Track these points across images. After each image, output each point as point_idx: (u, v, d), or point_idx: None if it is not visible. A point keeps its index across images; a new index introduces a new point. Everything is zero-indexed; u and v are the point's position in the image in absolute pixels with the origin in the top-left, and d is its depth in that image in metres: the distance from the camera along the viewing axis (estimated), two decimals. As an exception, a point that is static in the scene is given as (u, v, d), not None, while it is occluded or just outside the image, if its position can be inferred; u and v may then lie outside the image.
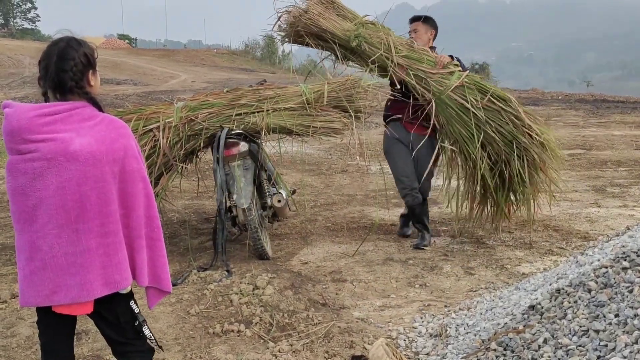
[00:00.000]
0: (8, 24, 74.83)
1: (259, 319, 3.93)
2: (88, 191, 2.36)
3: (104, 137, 2.40)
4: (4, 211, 6.96)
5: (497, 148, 5.34)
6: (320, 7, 5.60)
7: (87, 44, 2.52)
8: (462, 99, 5.32)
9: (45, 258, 2.35)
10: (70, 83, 2.42)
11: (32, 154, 2.33)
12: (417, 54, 5.50)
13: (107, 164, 2.39)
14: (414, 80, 5.36)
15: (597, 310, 2.71)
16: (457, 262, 5.16)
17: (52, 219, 2.35)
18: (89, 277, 2.38)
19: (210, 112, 5.12)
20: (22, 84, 26.05)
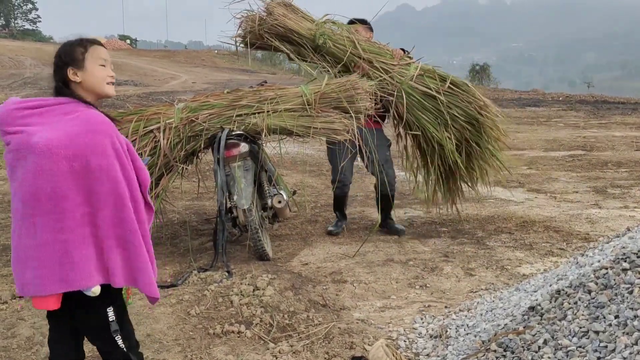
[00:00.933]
0: (9, 24, 74.92)
1: (259, 319, 3.93)
2: (43, 184, 2.35)
3: (71, 131, 2.38)
4: (5, 212, 6.96)
5: (460, 127, 5.65)
6: (282, 9, 5.68)
7: (64, 44, 2.60)
8: (425, 87, 5.60)
9: (15, 249, 2.42)
10: (56, 83, 2.54)
11: (8, 146, 2.42)
12: (377, 48, 5.70)
13: (66, 158, 2.35)
14: (377, 72, 5.56)
15: (597, 312, 2.71)
16: (458, 263, 5.16)
17: (18, 210, 2.40)
18: (43, 272, 2.37)
19: (211, 113, 5.12)
20: (23, 84, 26.09)
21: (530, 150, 11.54)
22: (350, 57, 5.59)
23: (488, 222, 6.45)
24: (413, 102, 5.60)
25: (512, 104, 21.69)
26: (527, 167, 9.75)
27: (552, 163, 10.12)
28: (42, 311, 4.04)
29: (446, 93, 5.63)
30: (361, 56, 5.56)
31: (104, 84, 2.57)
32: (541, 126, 15.49)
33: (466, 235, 5.99)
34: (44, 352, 3.59)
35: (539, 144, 12.33)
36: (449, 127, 5.62)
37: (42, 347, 3.64)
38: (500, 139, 5.90)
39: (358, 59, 5.57)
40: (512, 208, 7.05)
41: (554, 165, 9.93)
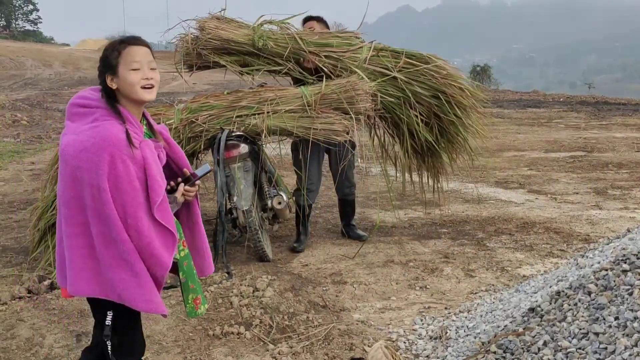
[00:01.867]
0: (10, 25, 74.95)
1: (259, 321, 3.93)
2: (64, 187, 2.45)
3: (81, 141, 2.39)
4: (5, 213, 6.97)
5: (426, 103, 5.49)
6: (214, 22, 5.49)
7: (106, 47, 2.55)
8: (381, 67, 5.43)
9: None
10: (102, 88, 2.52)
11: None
12: (324, 40, 5.51)
13: (71, 167, 2.40)
14: (328, 62, 5.40)
15: (597, 313, 2.70)
16: (458, 264, 5.16)
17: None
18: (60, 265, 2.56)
19: (211, 114, 5.12)
20: (23, 85, 26.10)
21: (531, 151, 11.52)
22: (297, 53, 5.40)
23: (488, 223, 6.45)
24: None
25: (513, 105, 21.66)
26: (527, 168, 9.74)
27: (552, 164, 10.10)
28: (42, 313, 4.06)
29: (404, 69, 5.44)
30: (305, 50, 5.36)
31: (138, 88, 2.48)
32: (542, 127, 15.47)
33: (466, 236, 5.98)
34: (43, 353, 3.59)
35: (540, 145, 12.31)
36: (413, 105, 5.45)
37: (42, 348, 3.63)
38: (475, 108, 5.71)
39: (305, 52, 5.38)
40: (512, 209, 7.04)
41: (554, 166, 9.92)
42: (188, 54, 5.49)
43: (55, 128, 15.16)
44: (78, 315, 4.04)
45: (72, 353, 3.59)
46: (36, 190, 8.14)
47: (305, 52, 5.37)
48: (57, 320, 3.98)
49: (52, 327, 3.89)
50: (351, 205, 5.93)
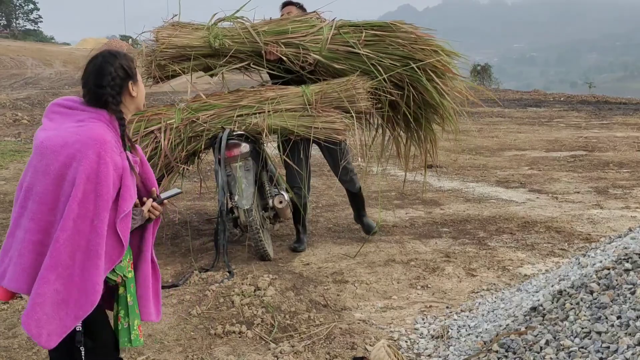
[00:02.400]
0: (10, 25, 74.94)
1: (260, 320, 3.93)
2: (35, 182, 2.38)
3: (63, 137, 2.36)
4: (6, 212, 6.96)
5: (398, 75, 5.28)
6: (168, 30, 5.36)
7: (123, 55, 2.51)
8: (345, 46, 5.24)
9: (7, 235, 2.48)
10: (107, 98, 2.43)
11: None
12: (281, 27, 5.33)
13: (50, 161, 2.34)
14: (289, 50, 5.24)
15: (599, 312, 2.70)
16: (459, 263, 5.16)
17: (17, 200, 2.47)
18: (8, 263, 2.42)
19: (212, 113, 5.11)
20: (24, 84, 26.10)
21: (532, 151, 11.52)
22: (256, 47, 5.27)
23: (489, 222, 6.45)
24: (341, 67, 5.27)
25: (514, 105, 21.65)
26: (528, 168, 9.74)
27: (553, 163, 10.10)
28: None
29: (370, 43, 5.24)
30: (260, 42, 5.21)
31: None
32: (542, 126, 15.47)
33: (467, 235, 5.98)
34: (45, 353, 3.58)
35: (540, 144, 12.31)
36: (385, 79, 5.23)
37: (43, 348, 3.63)
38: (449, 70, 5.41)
39: (265, 45, 5.23)
40: (513, 208, 7.04)
41: (555, 165, 9.92)
42: (148, 67, 5.34)
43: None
44: (79, 314, 4.03)
45: (73, 352, 3.58)
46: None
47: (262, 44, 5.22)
48: (59, 319, 3.98)
49: (54, 326, 3.88)
50: (355, 196, 5.79)
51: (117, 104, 2.46)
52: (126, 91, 2.49)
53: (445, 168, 9.81)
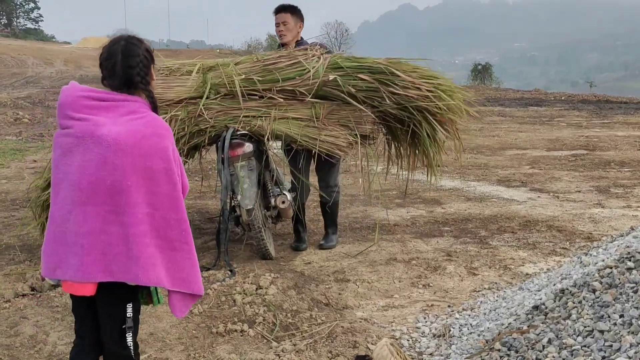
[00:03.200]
0: (11, 23, 74.98)
1: (262, 318, 3.93)
2: (104, 176, 2.38)
3: (136, 131, 2.42)
4: (8, 211, 6.97)
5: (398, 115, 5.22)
6: (160, 81, 5.12)
7: (145, 41, 2.60)
8: (338, 91, 5.09)
9: (56, 231, 2.43)
10: (136, 79, 2.50)
11: (68, 130, 2.44)
12: (271, 75, 5.14)
13: (131, 156, 2.39)
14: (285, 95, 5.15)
15: (602, 311, 2.70)
16: (461, 262, 5.16)
17: (69, 195, 2.41)
18: (86, 259, 2.40)
19: (219, 110, 5.09)
20: (25, 83, 26.11)
21: (533, 150, 11.53)
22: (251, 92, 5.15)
23: (491, 221, 6.45)
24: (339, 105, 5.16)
25: (515, 104, 21.66)
26: (529, 167, 9.74)
27: (554, 162, 10.10)
28: (46, 310, 4.05)
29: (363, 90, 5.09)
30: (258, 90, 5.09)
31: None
32: (543, 126, 15.48)
33: (469, 234, 5.98)
34: (47, 351, 3.59)
35: (542, 143, 12.31)
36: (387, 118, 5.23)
37: (45, 346, 3.64)
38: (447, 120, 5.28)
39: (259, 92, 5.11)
40: (515, 207, 7.04)
41: (556, 164, 9.92)
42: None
43: (57, 126, 15.17)
44: (81, 313, 4.03)
45: (75, 350, 3.59)
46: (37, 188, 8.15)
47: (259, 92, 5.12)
48: (61, 318, 3.98)
49: (56, 325, 3.89)
50: (329, 210, 5.68)
51: (146, 84, 2.54)
52: (150, 74, 2.57)
53: (446, 167, 9.80)
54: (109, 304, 2.53)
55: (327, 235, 5.71)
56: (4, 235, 6.01)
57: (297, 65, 5.18)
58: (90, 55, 40.53)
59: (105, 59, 2.52)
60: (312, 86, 5.08)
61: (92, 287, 2.44)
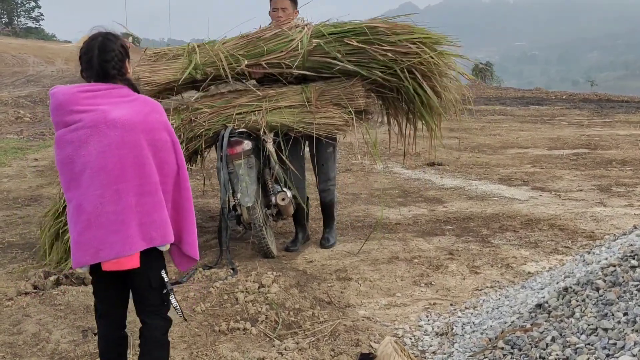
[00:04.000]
0: (12, 22, 74.94)
1: (264, 317, 3.93)
2: (126, 154, 2.61)
3: (139, 110, 2.67)
4: (10, 209, 6.97)
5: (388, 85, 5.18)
6: (147, 65, 5.15)
7: (121, 37, 2.81)
8: (326, 57, 5.06)
9: (89, 218, 2.58)
10: (112, 72, 2.70)
11: (77, 124, 2.59)
12: (256, 49, 5.13)
13: (142, 132, 2.64)
14: (271, 68, 5.15)
15: (606, 309, 2.70)
16: (463, 260, 5.15)
17: (95, 181, 2.58)
18: (129, 231, 2.62)
19: (210, 112, 5.09)
20: (26, 82, 26.10)
21: (534, 149, 11.52)
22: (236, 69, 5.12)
23: (493, 220, 6.44)
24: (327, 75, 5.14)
25: (516, 103, 21.65)
26: (531, 166, 9.74)
27: (556, 161, 10.10)
28: (48, 308, 4.05)
29: (351, 53, 5.04)
30: (243, 68, 5.10)
31: None
32: (545, 124, 15.46)
33: (471, 233, 5.98)
34: (50, 349, 3.59)
35: (543, 142, 12.31)
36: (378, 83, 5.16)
37: (48, 344, 3.64)
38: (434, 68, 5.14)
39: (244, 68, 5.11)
40: (516, 206, 7.04)
41: (558, 163, 9.91)
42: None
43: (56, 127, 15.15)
44: (84, 311, 4.03)
45: (78, 348, 3.59)
46: (40, 186, 8.16)
47: (244, 68, 5.11)
48: (64, 316, 3.98)
49: (59, 323, 3.89)
50: (325, 206, 5.65)
51: (122, 75, 2.75)
52: (125, 67, 2.77)
53: (447, 166, 9.80)
54: (148, 273, 2.75)
55: (328, 231, 5.71)
56: (6, 234, 6.01)
57: (281, 36, 5.15)
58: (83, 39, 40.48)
59: (84, 53, 2.74)
60: (297, 57, 5.04)
61: (137, 259, 2.65)
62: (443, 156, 10.39)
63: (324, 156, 5.43)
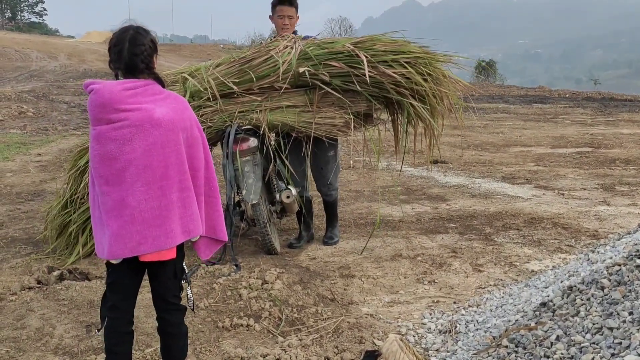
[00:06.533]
0: (15, 17, 75.00)
1: (268, 313, 3.93)
2: (169, 152, 2.73)
3: (175, 108, 2.78)
4: (13, 204, 6.98)
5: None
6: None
7: (151, 32, 2.86)
8: (315, 80, 5.01)
9: (133, 213, 2.68)
10: (141, 65, 2.76)
11: (122, 122, 2.66)
12: (245, 76, 5.07)
13: (181, 130, 2.77)
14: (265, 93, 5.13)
15: (611, 308, 2.69)
16: (466, 258, 5.15)
17: (140, 178, 2.68)
18: (172, 226, 2.74)
19: (213, 110, 5.08)
20: (29, 77, 26.11)
21: (537, 147, 11.51)
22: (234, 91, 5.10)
23: (496, 218, 6.43)
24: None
25: (519, 101, 21.63)
26: (534, 164, 9.73)
27: (559, 160, 10.08)
28: (52, 303, 4.05)
29: (338, 75, 4.99)
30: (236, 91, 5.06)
31: None
32: (548, 123, 15.45)
33: (474, 231, 5.97)
34: (54, 343, 3.59)
35: (546, 140, 12.29)
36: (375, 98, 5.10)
37: (52, 339, 3.64)
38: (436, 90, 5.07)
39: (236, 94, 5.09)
40: (519, 204, 7.03)
41: (561, 162, 9.90)
42: None
43: (61, 120, 15.18)
44: (88, 306, 4.04)
45: (82, 343, 3.59)
46: (43, 181, 8.16)
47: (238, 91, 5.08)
48: (67, 311, 3.98)
49: (62, 318, 3.89)
50: (330, 206, 5.65)
51: (150, 69, 2.80)
52: (152, 62, 2.81)
53: (450, 163, 9.79)
54: (176, 265, 2.89)
55: (330, 230, 5.71)
56: (9, 229, 6.01)
57: (270, 60, 5.10)
58: (93, 49, 40.53)
59: (114, 44, 2.78)
60: (288, 78, 5.02)
61: (175, 250, 2.80)
62: (446, 154, 10.39)
63: (324, 159, 5.43)
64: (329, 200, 5.63)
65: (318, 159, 5.39)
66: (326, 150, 5.38)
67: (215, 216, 3.00)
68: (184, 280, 2.96)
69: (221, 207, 3.04)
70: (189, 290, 3.01)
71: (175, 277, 2.91)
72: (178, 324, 2.98)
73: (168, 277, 2.90)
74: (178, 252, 2.85)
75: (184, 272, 2.96)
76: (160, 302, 2.95)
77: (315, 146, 5.22)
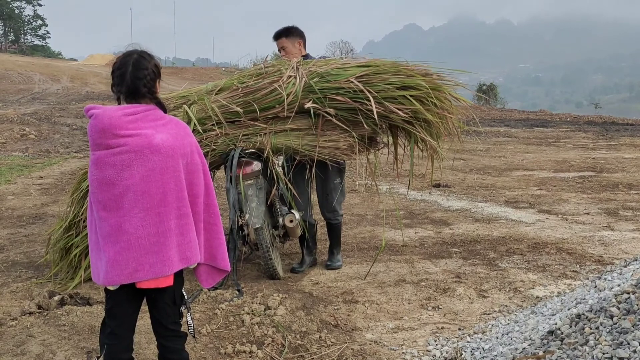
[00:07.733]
0: (19, 40, 75.55)
1: (271, 339, 3.88)
2: (168, 179, 2.71)
3: (175, 134, 2.77)
4: (15, 227, 6.95)
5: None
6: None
7: (155, 57, 2.88)
8: (320, 111, 5.03)
9: (130, 239, 2.66)
10: (143, 89, 2.77)
11: (121, 147, 2.65)
12: (249, 107, 5.06)
13: (180, 156, 2.76)
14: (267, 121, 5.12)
15: (621, 337, 2.65)
16: (470, 284, 5.10)
17: (138, 204, 2.66)
18: (169, 253, 2.71)
19: (216, 133, 5.06)
20: (31, 100, 26.23)
21: (540, 171, 11.49)
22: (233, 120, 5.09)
23: (499, 243, 6.39)
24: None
25: (520, 125, 21.67)
26: (537, 188, 9.70)
27: (562, 184, 10.06)
28: (52, 329, 4.01)
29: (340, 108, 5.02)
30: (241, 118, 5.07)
31: None
32: (550, 147, 15.45)
33: (478, 256, 5.93)
34: (54, 370, 3.54)
35: (548, 164, 12.28)
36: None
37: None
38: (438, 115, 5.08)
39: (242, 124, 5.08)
40: (523, 229, 6.99)
41: (564, 186, 9.88)
42: None
43: (63, 142, 15.19)
44: (89, 332, 3.99)
45: (82, 370, 3.55)
46: (45, 204, 8.14)
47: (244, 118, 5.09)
48: (68, 337, 3.94)
49: (63, 344, 3.84)
50: (333, 230, 5.64)
51: (153, 94, 2.81)
52: (155, 87, 2.82)
53: (453, 187, 9.77)
54: (175, 291, 2.87)
55: (333, 255, 5.67)
56: (10, 252, 5.98)
57: (274, 93, 5.07)
58: (96, 72, 40.74)
59: (118, 68, 2.80)
60: (294, 108, 5.03)
61: (172, 277, 2.77)
62: (448, 177, 10.37)
63: (329, 186, 5.44)
64: (333, 224, 5.61)
65: (325, 185, 5.41)
66: (333, 178, 5.39)
67: (216, 244, 2.97)
68: (183, 307, 2.94)
69: (223, 234, 3.00)
70: (189, 317, 2.99)
71: (174, 304, 2.89)
72: (178, 350, 2.94)
73: (167, 303, 2.87)
74: (177, 278, 2.83)
75: (183, 299, 2.93)
76: (160, 329, 2.92)
77: (322, 173, 5.21)
